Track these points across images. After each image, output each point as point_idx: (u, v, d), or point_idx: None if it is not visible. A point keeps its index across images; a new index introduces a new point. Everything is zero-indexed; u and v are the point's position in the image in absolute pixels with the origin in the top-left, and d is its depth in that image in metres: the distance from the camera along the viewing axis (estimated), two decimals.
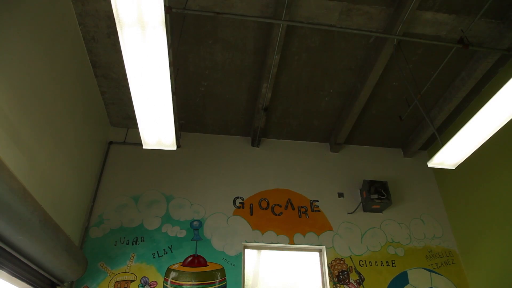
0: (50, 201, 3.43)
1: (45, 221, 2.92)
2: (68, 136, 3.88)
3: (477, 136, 3.33)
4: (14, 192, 2.43)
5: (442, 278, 4.61)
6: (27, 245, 2.86)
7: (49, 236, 3.02)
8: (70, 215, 4.02)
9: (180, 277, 4.19)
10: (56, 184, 3.65)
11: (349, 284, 4.38)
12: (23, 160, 3.02)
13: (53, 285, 3.60)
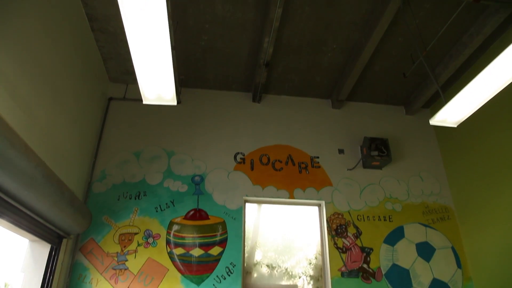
0: (51, 157, 3.45)
1: (48, 176, 2.97)
2: (67, 92, 3.83)
3: (481, 94, 3.28)
4: (15, 148, 2.44)
5: (437, 232, 4.75)
6: (33, 200, 2.93)
7: (53, 191, 3.08)
8: (73, 171, 4.07)
9: (182, 230, 4.32)
10: (57, 140, 3.65)
11: (347, 238, 4.53)
12: (22, 117, 3.00)
13: (60, 237, 3.73)
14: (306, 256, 4.57)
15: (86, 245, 4.16)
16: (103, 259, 4.11)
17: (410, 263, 4.50)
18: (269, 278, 4.42)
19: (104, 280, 4.02)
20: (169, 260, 4.16)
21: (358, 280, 4.34)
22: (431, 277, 4.48)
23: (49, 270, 3.59)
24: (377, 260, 4.46)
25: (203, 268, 4.17)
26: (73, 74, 3.97)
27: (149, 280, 4.06)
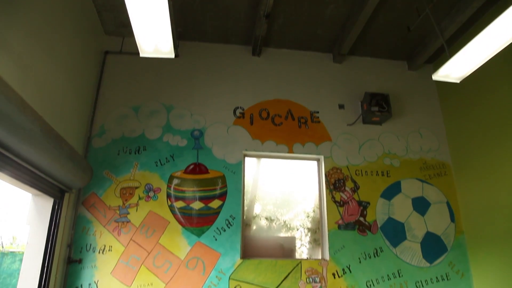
0: (49, 113, 3.40)
1: (46, 130, 2.96)
2: (61, 46, 3.71)
3: (486, 49, 3.20)
4: (11, 102, 2.41)
5: (433, 188, 4.84)
6: (33, 155, 2.93)
7: (52, 146, 3.08)
8: (71, 126, 4.04)
9: (182, 183, 4.38)
10: (53, 95, 3.59)
11: (344, 192, 4.61)
12: (16, 72, 2.91)
13: (62, 191, 3.78)
14: (304, 209, 4.68)
15: (88, 199, 4.23)
16: (105, 212, 4.20)
17: (405, 217, 4.62)
18: (268, 230, 4.55)
19: (107, 233, 4.13)
20: (170, 213, 4.26)
21: (354, 232, 4.47)
22: (425, 230, 4.61)
23: (53, 223, 3.67)
24: (373, 213, 4.57)
25: (203, 220, 4.27)
26: (66, 27, 3.82)
27: (150, 232, 4.17)
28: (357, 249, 4.40)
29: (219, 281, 4.08)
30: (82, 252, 4.04)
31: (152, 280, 4.02)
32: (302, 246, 4.55)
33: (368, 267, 4.35)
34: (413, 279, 4.40)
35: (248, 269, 4.15)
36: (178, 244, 4.15)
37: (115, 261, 4.04)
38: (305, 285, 4.17)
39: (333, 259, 4.32)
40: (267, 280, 4.12)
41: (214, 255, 4.16)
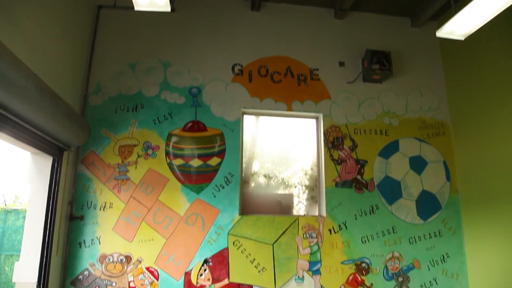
0: (43, 70, 3.30)
1: (41, 88, 2.91)
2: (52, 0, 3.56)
3: (493, 5, 3.08)
4: (3, 59, 2.35)
5: (431, 147, 4.86)
6: (29, 113, 2.91)
7: (48, 104, 3.05)
8: (67, 84, 3.96)
9: (181, 141, 4.37)
10: (47, 53, 3.47)
11: (343, 150, 4.63)
12: (5, 26, 2.80)
13: (60, 150, 3.78)
14: (302, 167, 4.72)
15: (87, 157, 4.23)
16: (105, 170, 4.22)
17: (402, 175, 4.67)
18: (266, 187, 4.61)
19: (107, 190, 4.17)
20: (169, 170, 4.29)
21: (351, 190, 4.53)
22: (421, 189, 4.69)
23: (53, 181, 3.70)
24: (371, 172, 4.61)
25: (202, 177, 4.31)
26: None
27: (150, 189, 4.22)
28: (353, 206, 4.49)
29: (218, 237, 4.19)
30: (84, 209, 4.11)
31: (152, 236, 4.12)
32: (299, 203, 4.63)
33: (364, 224, 4.46)
34: (407, 236, 4.53)
35: (246, 225, 4.25)
36: (177, 201, 4.22)
37: (116, 218, 4.12)
38: (302, 240, 4.29)
39: (329, 216, 4.41)
40: (265, 235, 4.23)
41: (213, 211, 4.24)
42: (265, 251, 4.19)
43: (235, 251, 4.16)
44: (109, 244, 4.06)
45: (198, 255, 4.12)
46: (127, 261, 4.04)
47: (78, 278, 3.96)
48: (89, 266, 4.00)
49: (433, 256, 4.54)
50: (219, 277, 4.10)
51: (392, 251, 4.46)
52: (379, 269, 4.39)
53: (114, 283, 3.98)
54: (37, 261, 3.51)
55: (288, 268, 4.20)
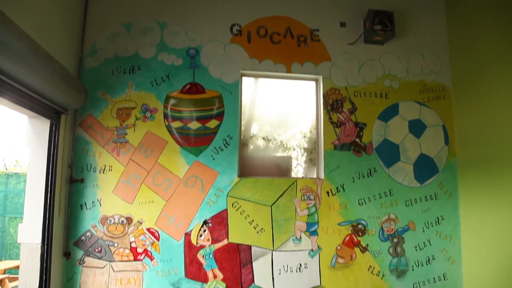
0: (35, 32, 3.19)
1: (35, 49, 2.85)
2: None
3: None
4: None
5: (431, 111, 4.83)
6: (24, 75, 2.86)
7: (43, 65, 2.99)
8: (61, 46, 3.86)
9: (179, 104, 4.33)
10: (37, 13, 3.35)
11: (342, 113, 4.60)
12: None
13: (58, 113, 3.75)
14: (301, 130, 4.71)
15: (85, 120, 4.21)
16: (103, 133, 4.21)
17: (400, 138, 4.67)
18: (264, 150, 4.62)
19: (106, 153, 4.18)
20: (168, 133, 4.28)
21: (350, 153, 4.55)
22: (419, 152, 4.70)
23: (52, 144, 3.70)
24: (370, 135, 4.61)
25: (201, 140, 4.31)
26: None
27: (149, 152, 4.22)
28: (351, 169, 4.52)
29: (217, 198, 4.24)
30: (83, 172, 4.14)
31: (152, 198, 4.17)
32: (298, 165, 4.66)
33: (361, 186, 4.51)
34: (403, 198, 4.59)
35: (245, 187, 4.29)
36: (176, 163, 4.24)
37: (116, 180, 4.16)
38: (300, 202, 4.35)
39: (327, 178, 4.45)
40: (263, 197, 4.28)
41: (212, 173, 4.27)
42: (264, 213, 4.26)
43: (234, 213, 4.24)
44: (110, 206, 4.12)
45: (197, 216, 4.19)
46: (128, 223, 4.12)
47: (80, 239, 4.05)
48: (91, 227, 4.07)
49: (428, 218, 4.63)
50: (218, 238, 4.19)
51: (388, 213, 4.54)
52: (375, 230, 4.49)
53: (116, 243, 4.08)
54: (40, 223, 3.58)
55: (286, 229, 4.29)
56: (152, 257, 4.10)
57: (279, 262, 4.24)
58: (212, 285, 4.13)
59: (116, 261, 4.06)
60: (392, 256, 4.49)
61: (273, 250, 4.25)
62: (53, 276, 3.73)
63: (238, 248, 4.20)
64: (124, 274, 4.06)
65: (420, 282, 4.52)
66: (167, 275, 4.10)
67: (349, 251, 4.40)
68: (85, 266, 4.02)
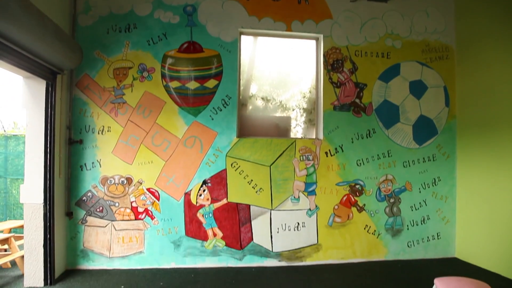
0: None
1: (26, 6, 2.76)
2: None
3: None
4: None
5: (432, 71, 4.75)
6: (16, 34, 2.78)
7: (35, 23, 2.91)
8: (53, 2, 3.72)
9: (177, 63, 4.25)
10: None
11: (342, 73, 4.53)
12: None
13: (53, 73, 3.68)
14: (300, 90, 4.65)
15: (82, 81, 4.15)
16: (100, 94, 4.16)
17: (401, 99, 4.63)
18: (264, 110, 4.59)
19: (104, 114, 4.15)
20: (166, 93, 4.23)
21: (349, 113, 4.52)
22: (419, 114, 4.68)
23: (49, 105, 3.66)
24: (370, 95, 4.56)
25: (199, 100, 4.26)
26: None
27: (147, 112, 4.19)
28: (350, 129, 4.51)
29: (216, 158, 4.26)
30: (82, 133, 4.12)
31: (152, 158, 4.18)
32: (297, 126, 4.65)
33: (360, 147, 4.52)
34: (401, 159, 4.62)
35: (244, 147, 4.30)
36: (175, 124, 4.22)
37: (115, 141, 4.16)
38: (299, 162, 4.38)
39: (326, 139, 4.45)
40: (262, 157, 4.30)
41: (211, 134, 4.26)
42: (263, 173, 4.29)
43: (233, 173, 4.27)
44: (109, 166, 4.14)
45: (197, 176, 4.23)
46: (128, 183, 4.16)
47: (82, 199, 4.10)
48: (92, 188, 4.12)
49: (425, 179, 4.68)
50: (217, 197, 4.25)
51: (386, 174, 4.58)
52: (372, 190, 4.55)
53: (117, 203, 4.14)
54: (41, 183, 3.62)
55: (284, 189, 4.34)
56: (152, 216, 4.18)
57: (278, 221, 4.33)
58: (212, 243, 4.24)
59: (118, 220, 4.14)
60: (388, 215, 4.58)
61: (272, 209, 4.32)
62: (57, 235, 3.82)
63: (237, 207, 4.27)
64: (126, 232, 4.15)
65: (414, 241, 4.64)
66: (167, 233, 4.19)
67: (346, 210, 4.48)
68: (88, 225, 4.11)
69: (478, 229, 4.35)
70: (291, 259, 4.36)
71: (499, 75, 4.11)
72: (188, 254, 4.22)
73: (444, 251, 4.71)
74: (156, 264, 4.18)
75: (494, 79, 4.18)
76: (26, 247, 3.61)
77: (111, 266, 4.12)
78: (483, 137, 4.31)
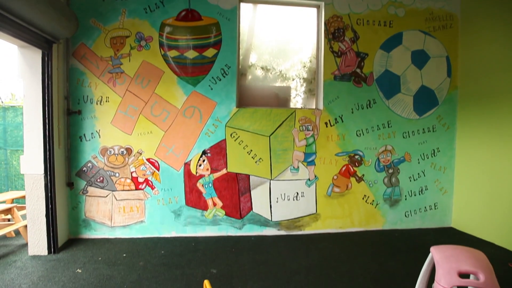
0: None
1: None
2: None
3: None
4: None
5: (435, 41, 4.66)
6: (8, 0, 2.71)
7: None
8: None
9: (174, 31, 4.16)
10: None
11: (343, 42, 4.45)
12: None
13: (48, 42, 3.61)
14: (300, 60, 4.58)
15: (78, 50, 4.07)
16: (97, 64, 4.10)
17: (402, 69, 4.57)
18: (263, 80, 4.53)
19: (102, 84, 4.10)
20: (164, 62, 4.16)
21: (350, 84, 4.47)
22: (420, 84, 4.63)
23: (45, 75, 3.61)
24: (371, 65, 4.50)
25: (198, 70, 4.21)
26: None
27: (146, 82, 4.14)
28: (350, 100, 4.48)
29: (216, 129, 4.25)
30: (80, 104, 4.09)
31: (151, 128, 4.17)
32: (297, 96, 4.60)
33: (360, 118, 4.50)
34: (401, 130, 4.61)
35: (243, 117, 4.28)
36: (174, 94, 4.18)
37: (114, 111, 4.13)
38: (298, 132, 4.37)
39: (326, 109, 4.43)
40: (262, 127, 4.29)
41: (210, 104, 4.23)
42: (262, 143, 4.29)
43: (233, 143, 4.27)
44: (109, 137, 4.14)
45: (196, 146, 4.23)
46: (128, 153, 4.17)
47: (82, 169, 4.12)
48: (92, 158, 4.13)
49: (424, 150, 4.69)
50: (217, 167, 4.27)
51: (385, 144, 4.59)
52: (371, 161, 4.57)
53: (117, 174, 4.16)
54: (41, 154, 3.62)
55: (284, 159, 4.35)
56: (153, 186, 4.21)
57: (277, 190, 4.37)
58: (212, 213, 4.29)
59: (118, 190, 4.17)
60: (386, 186, 4.61)
61: (271, 179, 4.35)
62: (59, 205, 3.86)
63: (236, 177, 4.30)
64: (126, 202, 4.20)
65: (411, 211, 4.70)
66: (168, 203, 4.24)
67: (345, 180, 4.52)
68: (89, 195, 4.14)
69: (474, 200, 4.40)
70: (290, 228, 4.43)
71: (503, 44, 4.03)
72: (189, 223, 4.28)
73: (440, 221, 4.78)
74: (157, 233, 4.25)
75: (498, 49, 4.11)
76: (28, 217, 3.66)
77: (112, 235, 4.19)
78: (484, 109, 4.28)
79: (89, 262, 3.46)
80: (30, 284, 2.98)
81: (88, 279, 3.08)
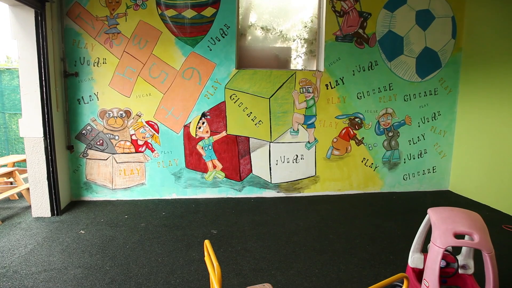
0: None
1: None
2: None
3: None
4: None
5: (441, 0, 4.51)
6: None
7: None
8: None
9: None
10: None
11: (346, 1, 4.29)
12: None
13: (41, 1, 3.49)
14: (301, 19, 4.45)
15: (73, 9, 3.95)
16: (93, 24, 3.99)
17: (406, 30, 4.46)
18: (263, 40, 4.42)
19: (98, 45, 4.01)
20: (161, 22, 4.05)
21: (352, 45, 4.37)
22: (423, 46, 4.53)
23: (40, 36, 3.52)
24: (374, 26, 4.38)
25: (196, 30, 4.10)
26: None
27: (143, 43, 4.05)
28: (352, 61, 4.40)
29: (215, 90, 4.20)
30: (77, 66, 4.02)
31: (150, 91, 4.12)
32: (297, 57, 4.51)
33: (361, 80, 4.44)
34: (402, 93, 4.56)
35: (243, 79, 4.22)
36: (172, 55, 4.10)
37: (111, 73, 4.07)
38: (298, 94, 4.32)
39: (327, 71, 4.36)
40: (261, 89, 4.24)
41: (209, 65, 4.16)
42: (262, 105, 4.26)
43: (232, 105, 4.23)
44: (107, 100, 4.10)
45: (196, 108, 4.20)
46: (127, 116, 4.14)
47: (81, 132, 4.11)
48: (91, 121, 4.11)
49: (425, 114, 4.66)
50: (217, 130, 4.26)
51: (386, 107, 4.55)
52: (371, 124, 4.55)
53: (117, 136, 4.15)
54: (40, 117, 3.60)
55: (283, 121, 4.34)
56: (153, 149, 4.22)
57: (277, 153, 4.38)
58: (211, 175, 4.32)
59: (118, 153, 4.18)
60: (386, 149, 4.62)
61: (271, 141, 4.35)
62: (60, 169, 3.88)
63: (236, 140, 4.30)
64: (127, 165, 4.22)
65: (410, 174, 4.74)
66: (168, 165, 4.26)
67: (345, 143, 4.52)
68: (89, 158, 4.16)
69: (473, 164, 4.42)
70: (289, 190, 4.48)
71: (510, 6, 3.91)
72: (189, 185, 4.32)
73: (438, 184, 4.83)
74: (157, 195, 4.30)
75: (507, 10, 3.97)
76: (30, 180, 3.69)
77: (114, 197, 4.25)
78: (488, 72, 4.21)
79: (91, 223, 3.52)
80: (35, 244, 3.04)
81: (91, 239, 3.15)
